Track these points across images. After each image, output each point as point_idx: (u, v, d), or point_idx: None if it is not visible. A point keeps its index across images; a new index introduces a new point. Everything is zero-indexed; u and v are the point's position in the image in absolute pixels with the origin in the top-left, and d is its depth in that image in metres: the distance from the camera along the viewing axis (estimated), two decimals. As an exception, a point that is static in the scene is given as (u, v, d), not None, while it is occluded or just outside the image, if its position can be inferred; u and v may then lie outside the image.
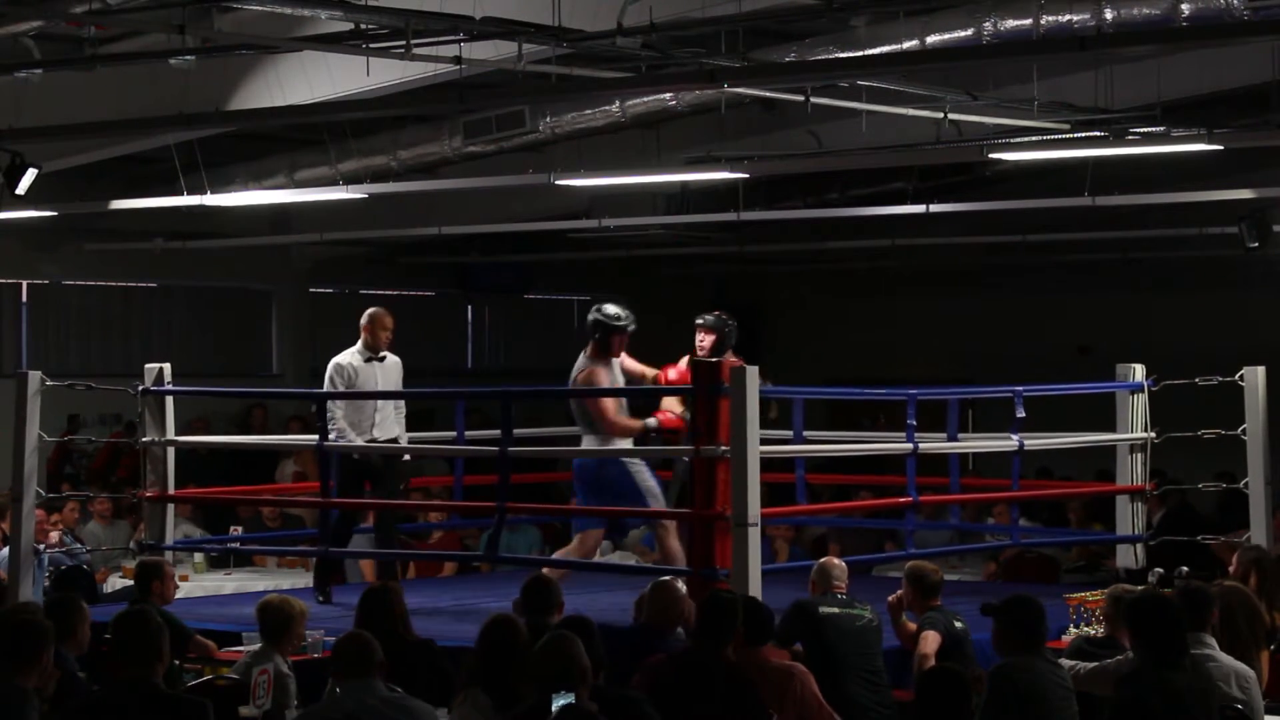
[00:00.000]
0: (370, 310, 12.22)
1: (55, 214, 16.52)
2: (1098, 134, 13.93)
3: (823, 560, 10.03)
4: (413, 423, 12.67)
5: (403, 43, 10.80)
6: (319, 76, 13.04)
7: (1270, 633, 9.08)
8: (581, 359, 11.47)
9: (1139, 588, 9.46)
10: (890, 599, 9.83)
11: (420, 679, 8.26)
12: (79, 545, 14.21)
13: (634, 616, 9.46)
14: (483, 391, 12.13)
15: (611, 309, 11.46)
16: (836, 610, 9.50)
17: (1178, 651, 7.59)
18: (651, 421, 11.38)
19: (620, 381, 11.49)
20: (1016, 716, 7.69)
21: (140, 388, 12.22)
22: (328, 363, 12.19)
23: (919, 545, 12.20)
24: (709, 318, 11.73)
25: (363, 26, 11.05)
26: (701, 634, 8.26)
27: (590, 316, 11.46)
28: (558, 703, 6.93)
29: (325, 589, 12.09)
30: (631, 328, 11.45)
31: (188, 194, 15.10)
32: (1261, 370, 12.35)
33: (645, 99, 13.94)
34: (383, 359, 12.14)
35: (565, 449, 12.69)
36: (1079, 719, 7.86)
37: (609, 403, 11.30)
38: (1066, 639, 9.95)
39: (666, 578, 9.38)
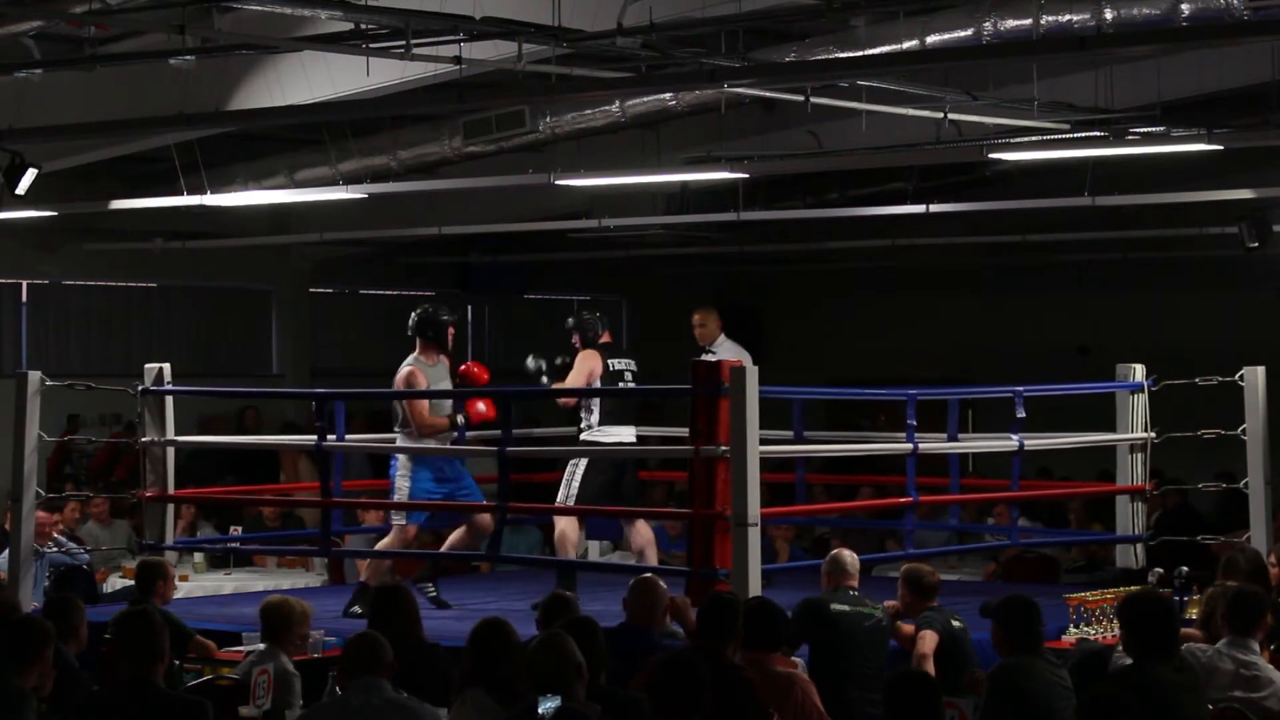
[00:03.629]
0: None
1: (55, 214, 16.50)
2: (1098, 134, 13.93)
3: (835, 552, 9.98)
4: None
5: (403, 43, 10.80)
6: (319, 76, 13.03)
7: (1271, 633, 9.07)
8: (410, 359, 11.76)
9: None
10: (888, 607, 9.77)
11: (423, 681, 8.24)
12: (79, 545, 14.20)
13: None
14: (482, 391, 12.10)
15: (435, 307, 11.83)
16: (847, 609, 9.46)
17: (1166, 650, 7.58)
18: (460, 419, 11.71)
19: (447, 378, 11.88)
20: (1016, 716, 7.70)
21: (140, 388, 12.22)
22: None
23: (919, 545, 12.19)
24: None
25: (363, 26, 11.05)
26: (702, 634, 8.26)
27: (417, 317, 11.78)
28: (545, 705, 6.92)
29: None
30: (454, 318, 11.92)
31: (188, 194, 15.08)
32: (1261, 370, 12.35)
33: (645, 99, 13.94)
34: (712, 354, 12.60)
35: (565, 449, 12.69)
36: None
37: (423, 403, 11.63)
38: (1067, 639, 9.95)
39: (647, 575, 9.37)
